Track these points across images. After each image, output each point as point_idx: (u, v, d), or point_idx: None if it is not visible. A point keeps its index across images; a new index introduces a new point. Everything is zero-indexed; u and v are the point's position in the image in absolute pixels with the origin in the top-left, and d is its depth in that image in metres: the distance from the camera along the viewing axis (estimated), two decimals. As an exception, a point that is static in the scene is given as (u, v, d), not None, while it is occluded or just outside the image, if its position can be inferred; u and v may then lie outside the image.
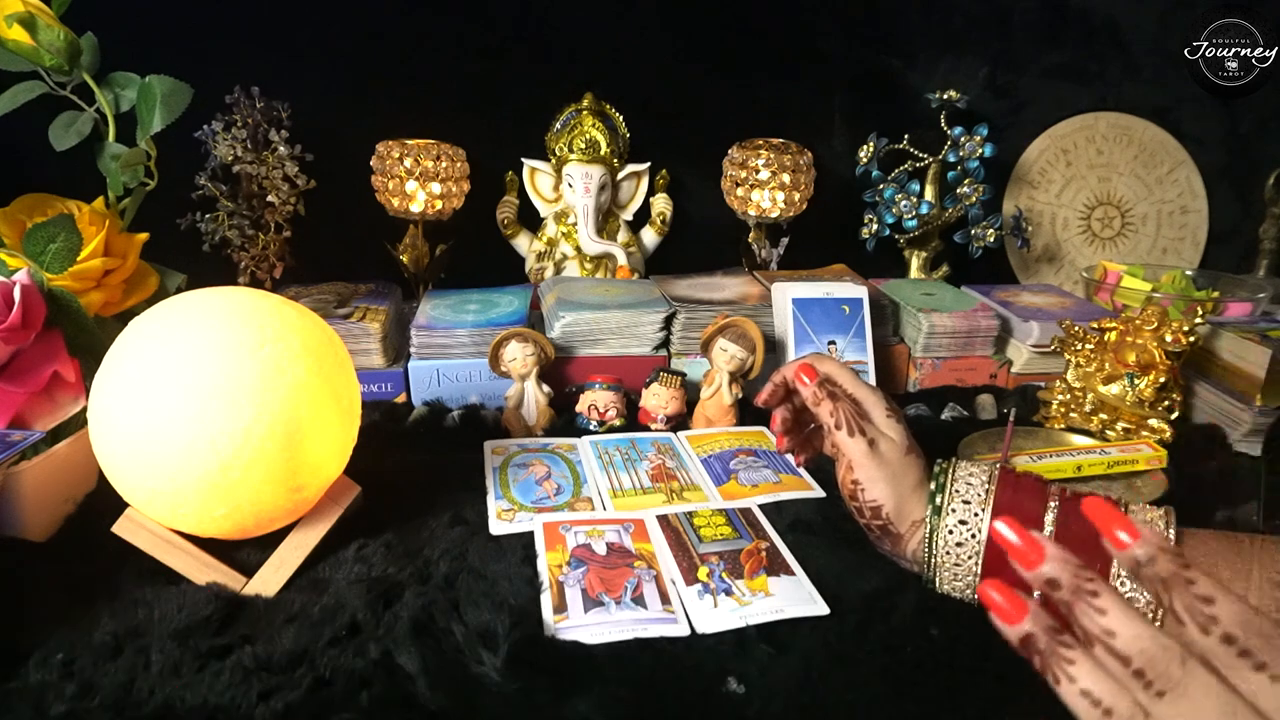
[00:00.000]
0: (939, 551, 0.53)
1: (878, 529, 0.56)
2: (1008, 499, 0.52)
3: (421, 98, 1.07)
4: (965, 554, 0.52)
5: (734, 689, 0.47)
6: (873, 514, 0.55)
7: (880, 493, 0.54)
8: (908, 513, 0.55)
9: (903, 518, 0.55)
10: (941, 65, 1.19)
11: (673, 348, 0.90)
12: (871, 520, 0.56)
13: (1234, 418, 0.82)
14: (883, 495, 0.54)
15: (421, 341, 0.86)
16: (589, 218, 1.07)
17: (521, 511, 0.65)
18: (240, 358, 0.51)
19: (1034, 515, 0.51)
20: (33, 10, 0.71)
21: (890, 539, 0.56)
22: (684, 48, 1.14)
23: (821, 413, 0.57)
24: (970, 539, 0.52)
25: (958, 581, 0.53)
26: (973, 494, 0.53)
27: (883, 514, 0.55)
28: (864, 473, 0.55)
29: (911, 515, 0.55)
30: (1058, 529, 0.50)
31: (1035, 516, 0.51)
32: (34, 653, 0.48)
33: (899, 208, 1.10)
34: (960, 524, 0.52)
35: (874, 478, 0.55)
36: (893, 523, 0.55)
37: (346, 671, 0.47)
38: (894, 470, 0.55)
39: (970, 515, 0.52)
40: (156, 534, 0.54)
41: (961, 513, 0.53)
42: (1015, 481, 0.53)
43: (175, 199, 0.92)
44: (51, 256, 0.66)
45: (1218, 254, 1.28)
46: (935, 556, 0.53)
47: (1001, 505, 0.52)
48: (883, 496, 0.54)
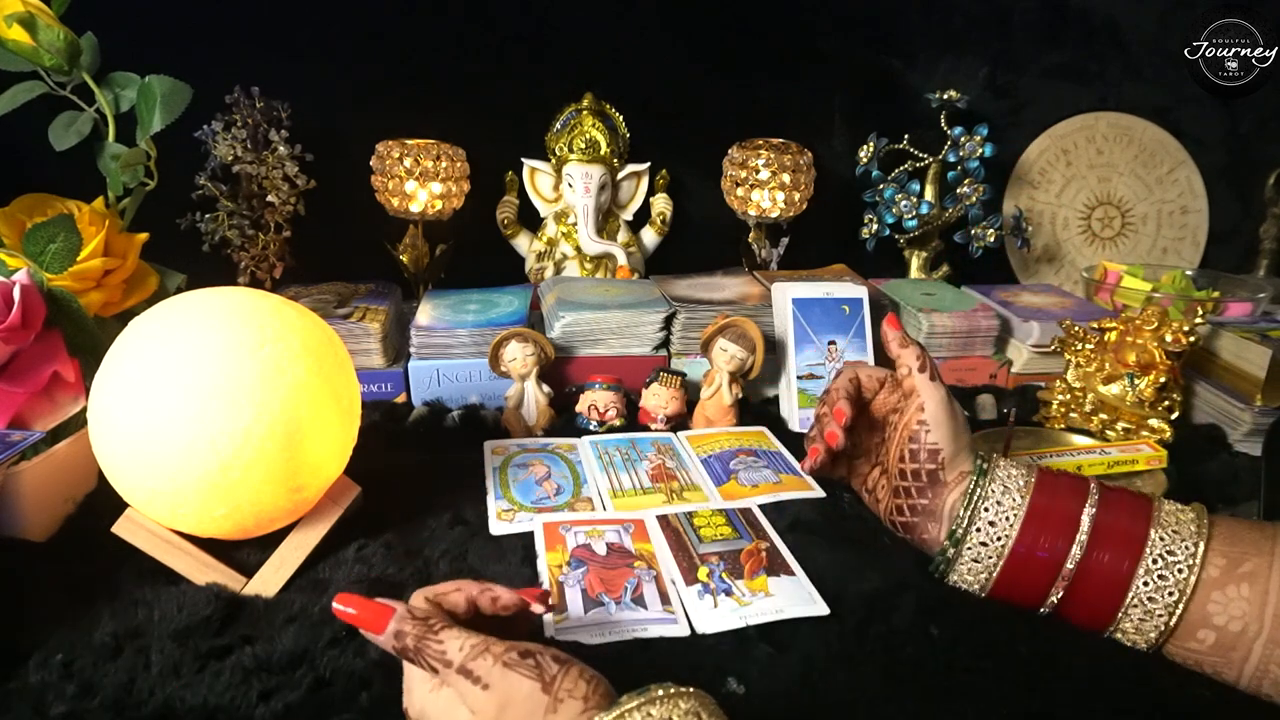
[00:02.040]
0: (969, 533, 0.54)
1: (926, 475, 0.57)
2: (1044, 501, 0.53)
3: (421, 98, 1.07)
4: (989, 553, 0.53)
5: (734, 689, 0.47)
6: (929, 455, 0.56)
7: (943, 437, 0.56)
8: (957, 464, 0.56)
9: (953, 466, 0.56)
10: (941, 65, 1.19)
11: (673, 348, 0.90)
12: (925, 464, 0.57)
13: (1234, 418, 0.82)
14: (944, 440, 0.56)
15: (421, 341, 0.86)
16: (589, 218, 1.07)
17: (521, 512, 0.65)
18: (240, 358, 0.51)
19: (1072, 515, 0.52)
20: (33, 10, 0.71)
21: (934, 488, 0.56)
22: (684, 48, 1.14)
23: (907, 355, 0.59)
24: (1000, 534, 0.53)
25: (970, 576, 0.54)
26: (1010, 492, 0.54)
27: (939, 458, 0.56)
28: (936, 416, 0.57)
29: (960, 466, 0.56)
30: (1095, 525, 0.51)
31: (1073, 516, 0.52)
32: (34, 653, 0.48)
33: (899, 208, 1.10)
34: (990, 524, 0.53)
35: (942, 422, 0.57)
36: (944, 468, 0.56)
37: (346, 671, 0.47)
38: (959, 425, 0.57)
39: (1000, 517, 0.53)
40: (156, 534, 0.54)
41: (994, 511, 0.54)
42: (1053, 483, 0.54)
43: (175, 199, 0.92)
44: (51, 256, 0.66)
45: (1218, 254, 1.28)
46: (966, 536, 0.54)
47: (1037, 507, 0.53)
48: (944, 441, 0.56)
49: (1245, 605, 0.47)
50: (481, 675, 0.38)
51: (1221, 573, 0.48)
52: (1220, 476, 0.74)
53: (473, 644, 0.39)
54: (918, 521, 0.57)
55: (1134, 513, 0.51)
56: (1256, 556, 0.47)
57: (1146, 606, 0.49)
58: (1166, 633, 0.49)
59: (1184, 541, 0.49)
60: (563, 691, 0.38)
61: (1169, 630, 0.48)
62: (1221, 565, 0.48)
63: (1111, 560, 0.50)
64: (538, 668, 0.38)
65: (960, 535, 0.54)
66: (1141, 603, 0.49)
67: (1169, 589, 0.48)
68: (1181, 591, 0.48)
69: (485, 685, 0.38)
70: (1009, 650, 0.50)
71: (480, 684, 0.38)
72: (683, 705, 0.36)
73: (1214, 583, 0.48)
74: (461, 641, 0.39)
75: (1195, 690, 0.48)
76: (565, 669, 0.38)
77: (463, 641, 0.39)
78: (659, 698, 0.36)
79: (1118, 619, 0.50)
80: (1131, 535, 0.50)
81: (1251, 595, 0.47)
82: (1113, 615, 0.50)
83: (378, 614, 0.40)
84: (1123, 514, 0.51)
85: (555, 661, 0.39)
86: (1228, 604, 0.47)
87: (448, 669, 0.39)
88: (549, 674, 0.38)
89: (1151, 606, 0.49)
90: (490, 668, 0.38)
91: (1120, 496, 0.53)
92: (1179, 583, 0.48)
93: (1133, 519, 0.51)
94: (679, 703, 0.36)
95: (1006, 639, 0.51)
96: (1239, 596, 0.47)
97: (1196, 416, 0.86)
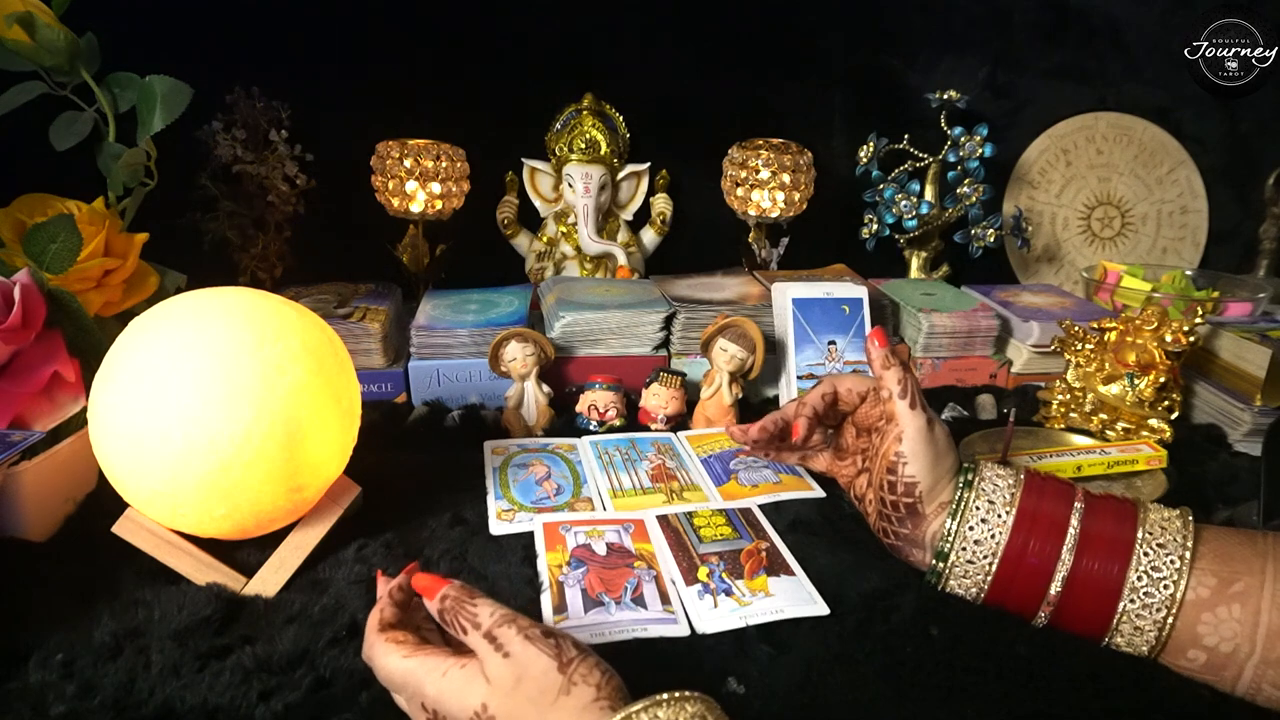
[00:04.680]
0: (955, 547, 0.53)
1: (905, 507, 0.55)
2: (1032, 504, 0.52)
3: (421, 98, 1.07)
4: (982, 553, 0.52)
5: (734, 689, 0.47)
6: (905, 490, 0.55)
7: (920, 470, 0.55)
8: (936, 495, 0.55)
9: (931, 499, 0.55)
10: (941, 65, 1.19)
11: (673, 348, 0.90)
12: (902, 497, 0.55)
13: (1234, 418, 0.82)
14: (922, 473, 0.55)
15: (421, 341, 0.86)
16: (589, 218, 1.07)
17: (521, 512, 0.65)
18: (240, 358, 0.51)
19: (1060, 518, 0.51)
20: (33, 10, 0.71)
21: (913, 519, 0.55)
22: (684, 48, 1.14)
23: (889, 378, 0.57)
24: (989, 539, 0.52)
25: (966, 579, 0.53)
26: (998, 495, 0.53)
27: (916, 491, 0.55)
28: (913, 447, 0.55)
29: (939, 497, 0.55)
30: (1082, 531, 0.50)
31: (1061, 519, 0.51)
32: (34, 653, 0.48)
33: (899, 208, 1.10)
34: (982, 523, 0.53)
35: (920, 454, 0.55)
36: (922, 502, 0.55)
37: (346, 671, 0.47)
38: (939, 452, 0.55)
39: (993, 516, 0.53)
40: (156, 534, 0.54)
41: (984, 512, 0.53)
42: (1040, 486, 0.54)
43: (175, 199, 0.92)
44: (51, 256, 0.66)
45: (1218, 254, 1.28)
46: (951, 551, 0.53)
47: (1026, 510, 0.52)
48: (921, 474, 0.55)
49: (1237, 626, 0.46)
50: (504, 642, 0.40)
51: (1212, 593, 0.47)
52: (1220, 476, 0.74)
53: (502, 613, 0.42)
54: (901, 546, 0.57)
55: (1120, 519, 0.51)
56: (1248, 576, 0.46)
57: (1135, 623, 0.48)
58: (1158, 647, 0.48)
59: (1169, 556, 0.48)
60: (577, 676, 0.39)
61: (1160, 645, 0.48)
62: (1212, 585, 0.47)
63: (1101, 568, 0.49)
64: (558, 648, 0.40)
65: (947, 551, 0.54)
66: (1130, 619, 0.48)
67: (1156, 605, 0.48)
68: (1168, 609, 0.47)
69: (506, 653, 0.40)
70: (1009, 650, 0.50)
71: (502, 651, 0.40)
72: (689, 709, 0.37)
73: (1204, 603, 0.47)
74: (493, 609, 0.42)
75: (1195, 691, 0.48)
76: (583, 656, 0.40)
77: (493, 609, 0.42)
78: (665, 700, 0.37)
79: (1110, 631, 0.49)
80: (1118, 537, 0.50)
81: (1243, 616, 0.46)
82: (1106, 627, 0.49)
83: (436, 583, 0.44)
84: (1107, 525, 0.51)
85: (574, 647, 0.40)
86: (1218, 625, 0.46)
87: (476, 631, 0.41)
88: (567, 656, 0.40)
89: (1140, 624, 0.48)
90: (514, 636, 0.40)
91: (1106, 503, 0.52)
92: (1165, 600, 0.47)
93: (1119, 526, 0.50)
94: (685, 706, 0.37)
95: (1006, 639, 0.51)
96: (1230, 618, 0.46)
97: (1196, 416, 0.86)
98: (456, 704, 0.40)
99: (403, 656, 0.42)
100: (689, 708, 0.37)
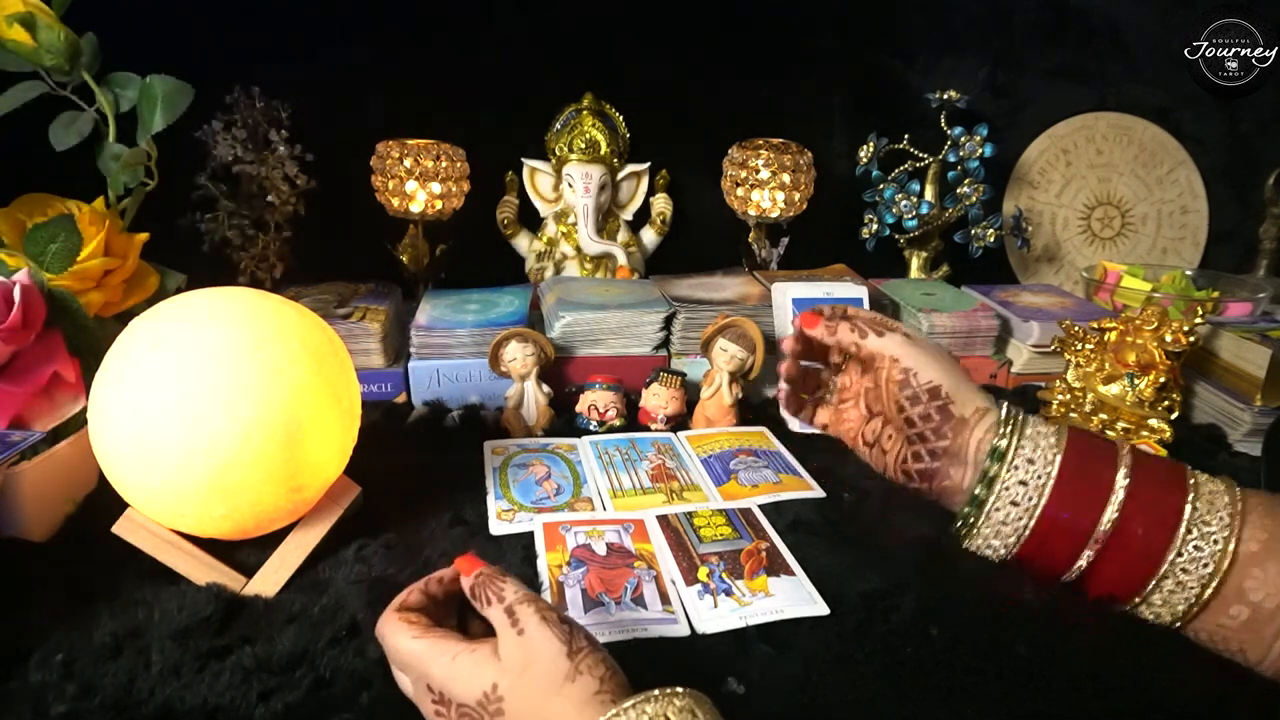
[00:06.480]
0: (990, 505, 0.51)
1: (937, 412, 0.52)
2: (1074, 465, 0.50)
3: (421, 98, 1.07)
4: (1017, 515, 0.51)
5: (734, 689, 0.47)
6: (930, 396, 0.52)
7: (934, 372, 0.52)
8: (967, 396, 0.52)
9: (964, 400, 0.52)
10: (941, 65, 1.19)
11: (673, 348, 0.90)
12: (929, 404, 0.52)
13: (1234, 418, 0.82)
14: (937, 374, 0.52)
15: (421, 341, 0.86)
16: (589, 218, 1.07)
17: (521, 512, 0.65)
18: (240, 358, 0.51)
19: (1106, 480, 0.49)
20: (33, 10, 0.71)
21: (951, 425, 0.52)
22: (684, 48, 1.14)
23: (841, 336, 0.56)
24: (1027, 500, 0.50)
25: (996, 540, 0.52)
26: (1039, 454, 0.51)
27: (942, 393, 0.52)
28: (910, 358, 0.53)
29: (974, 401, 0.52)
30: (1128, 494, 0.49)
31: (1107, 481, 0.49)
32: (34, 653, 0.48)
33: (899, 208, 1.10)
34: (1020, 484, 0.50)
35: (921, 359, 0.53)
36: (954, 402, 0.52)
37: (346, 671, 0.47)
38: (939, 353, 0.54)
39: (1032, 476, 0.50)
40: (156, 534, 0.54)
41: (1024, 471, 0.50)
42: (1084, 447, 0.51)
43: (175, 199, 0.92)
44: (51, 256, 0.66)
45: (1218, 254, 1.28)
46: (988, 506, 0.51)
47: (1068, 469, 0.50)
48: (937, 375, 0.52)
49: None
50: (521, 619, 0.41)
51: (1262, 547, 0.46)
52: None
53: (525, 593, 0.43)
54: (938, 467, 0.53)
55: (1169, 482, 0.49)
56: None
57: (1179, 578, 0.47)
58: (1198, 605, 0.47)
59: (1219, 513, 0.47)
60: (584, 666, 0.39)
61: (1200, 604, 0.47)
62: (1263, 540, 0.46)
63: (1145, 531, 0.48)
64: (570, 635, 0.40)
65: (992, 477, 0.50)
66: (1174, 574, 0.47)
67: (1204, 560, 0.47)
68: (1217, 564, 0.46)
69: (521, 630, 0.41)
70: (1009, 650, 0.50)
71: (518, 627, 0.41)
72: (677, 703, 0.37)
73: (1254, 558, 0.46)
74: (518, 587, 0.43)
75: (1195, 691, 0.48)
76: (592, 648, 0.41)
77: (519, 588, 0.43)
78: (655, 696, 0.38)
79: (1146, 591, 0.48)
80: (1166, 504, 0.48)
81: None
82: (1142, 586, 0.48)
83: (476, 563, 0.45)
84: (1156, 483, 0.49)
85: (585, 639, 0.41)
86: (1267, 579, 0.45)
87: (500, 604, 0.42)
88: (577, 645, 0.40)
89: (1184, 579, 0.47)
90: (531, 615, 0.41)
91: (1154, 463, 0.51)
92: (1214, 554, 0.46)
93: (1167, 488, 0.49)
94: (673, 700, 0.37)
95: (1006, 639, 0.51)
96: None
97: (1196, 416, 0.86)
98: (464, 686, 0.40)
99: (413, 637, 0.43)
100: (677, 702, 0.37)
